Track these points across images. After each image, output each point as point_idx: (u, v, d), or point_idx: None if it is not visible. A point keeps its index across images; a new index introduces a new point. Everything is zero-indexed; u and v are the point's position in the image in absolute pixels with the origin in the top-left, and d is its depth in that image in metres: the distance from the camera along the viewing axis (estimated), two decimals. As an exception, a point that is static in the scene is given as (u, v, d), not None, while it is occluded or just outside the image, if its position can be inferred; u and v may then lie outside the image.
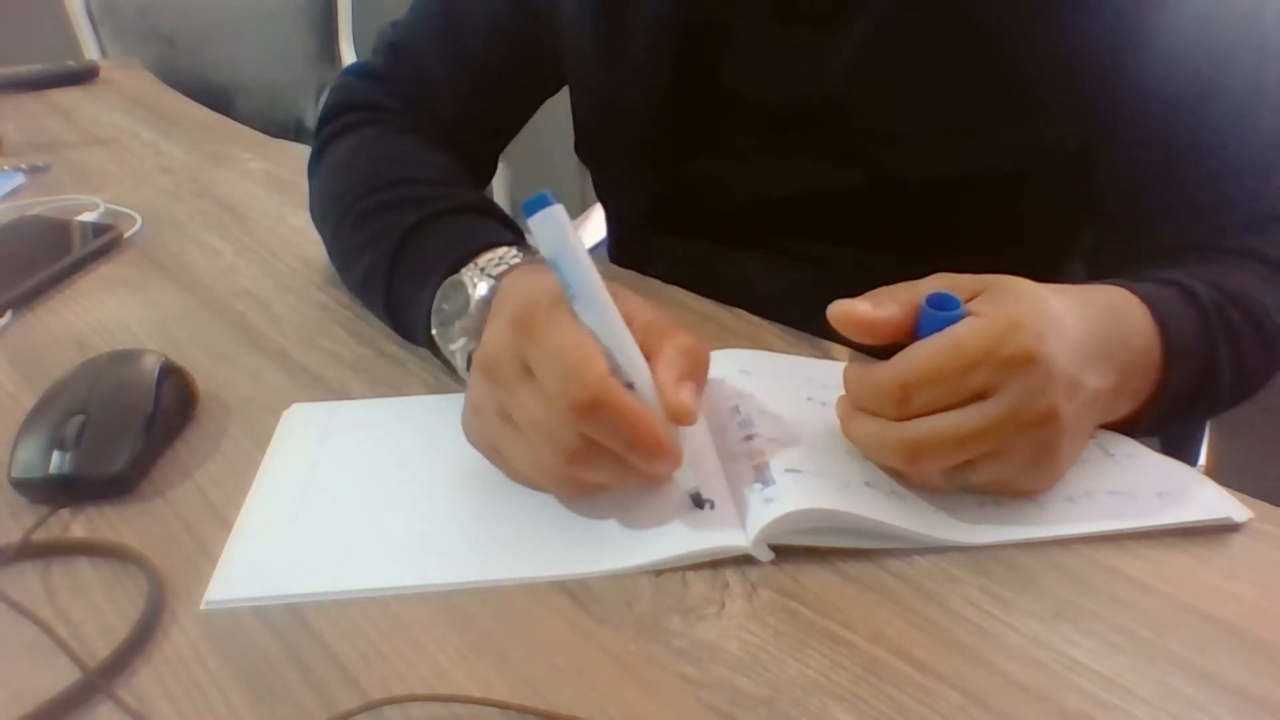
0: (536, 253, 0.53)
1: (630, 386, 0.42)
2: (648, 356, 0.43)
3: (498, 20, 0.71)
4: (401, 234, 0.58)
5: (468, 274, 0.52)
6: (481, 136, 0.76)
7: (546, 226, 0.41)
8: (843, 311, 0.43)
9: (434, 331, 0.53)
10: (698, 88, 0.65)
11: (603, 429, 0.40)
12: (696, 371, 0.43)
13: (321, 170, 0.70)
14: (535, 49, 0.72)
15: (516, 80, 0.74)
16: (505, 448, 0.44)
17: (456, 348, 0.51)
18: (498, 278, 0.51)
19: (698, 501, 0.43)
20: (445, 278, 0.53)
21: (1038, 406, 0.41)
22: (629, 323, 0.43)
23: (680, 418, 0.41)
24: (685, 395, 0.42)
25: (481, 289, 0.50)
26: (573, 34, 0.70)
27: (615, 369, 0.42)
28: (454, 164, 0.68)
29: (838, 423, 0.47)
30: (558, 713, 0.35)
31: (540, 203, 0.42)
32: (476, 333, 0.49)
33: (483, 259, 0.52)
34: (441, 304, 0.53)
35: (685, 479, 0.44)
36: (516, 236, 0.56)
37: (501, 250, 0.52)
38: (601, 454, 0.41)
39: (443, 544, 0.43)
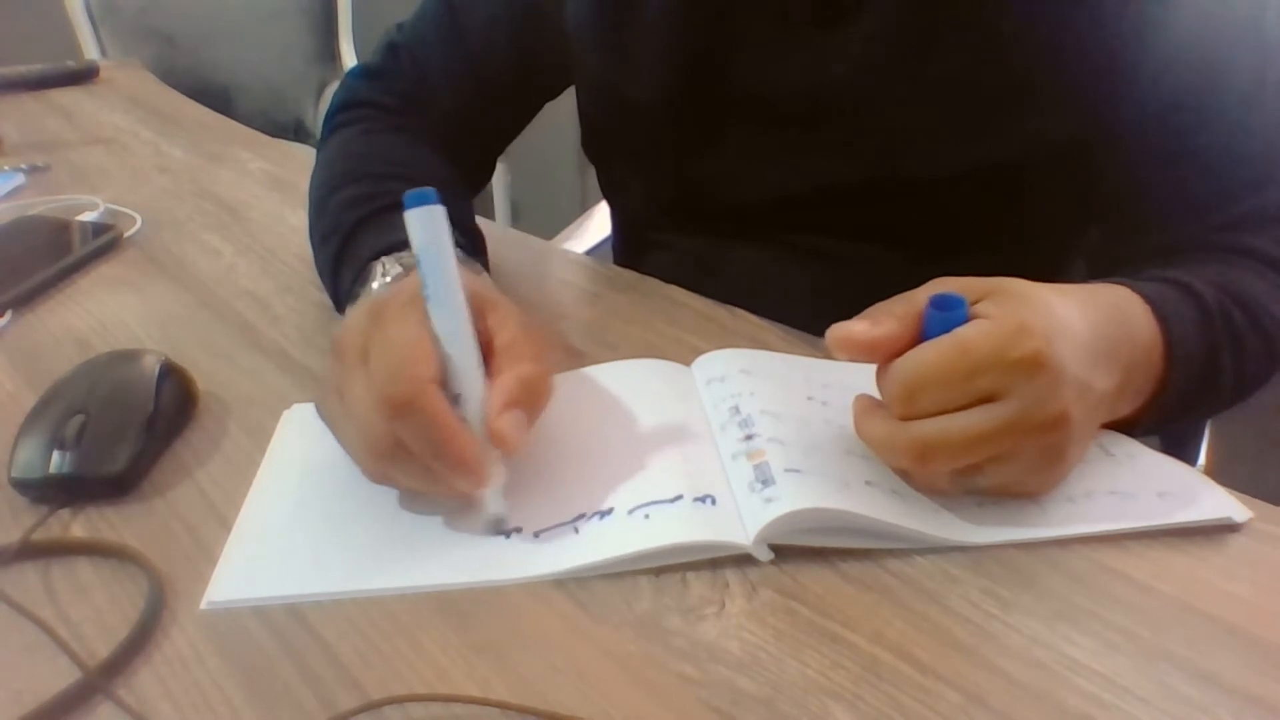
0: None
1: (459, 398, 0.42)
2: (493, 376, 0.43)
3: (502, 22, 0.71)
4: (347, 231, 0.59)
5: (382, 264, 0.54)
6: (480, 137, 0.76)
7: (420, 223, 0.42)
8: (842, 335, 0.43)
9: (346, 308, 0.55)
10: (704, 86, 0.65)
11: (410, 431, 0.40)
12: (530, 401, 0.43)
13: (313, 169, 0.71)
14: (539, 52, 0.72)
15: (518, 83, 0.74)
16: (335, 425, 0.45)
17: None
18: (408, 269, 0.52)
19: (499, 528, 0.43)
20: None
21: (1049, 410, 0.41)
22: (489, 338, 0.44)
23: (497, 441, 0.41)
24: (506, 421, 0.41)
25: (386, 279, 0.52)
26: (580, 32, 0.70)
27: (450, 377, 0.42)
28: (435, 160, 0.69)
29: (839, 422, 0.47)
30: (558, 713, 0.35)
31: (422, 199, 0.42)
32: None
33: (404, 252, 0.54)
34: (357, 288, 0.55)
35: (493, 504, 0.43)
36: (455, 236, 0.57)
37: None
38: (408, 456, 0.41)
39: (442, 544, 0.43)
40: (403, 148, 0.69)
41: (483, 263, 0.61)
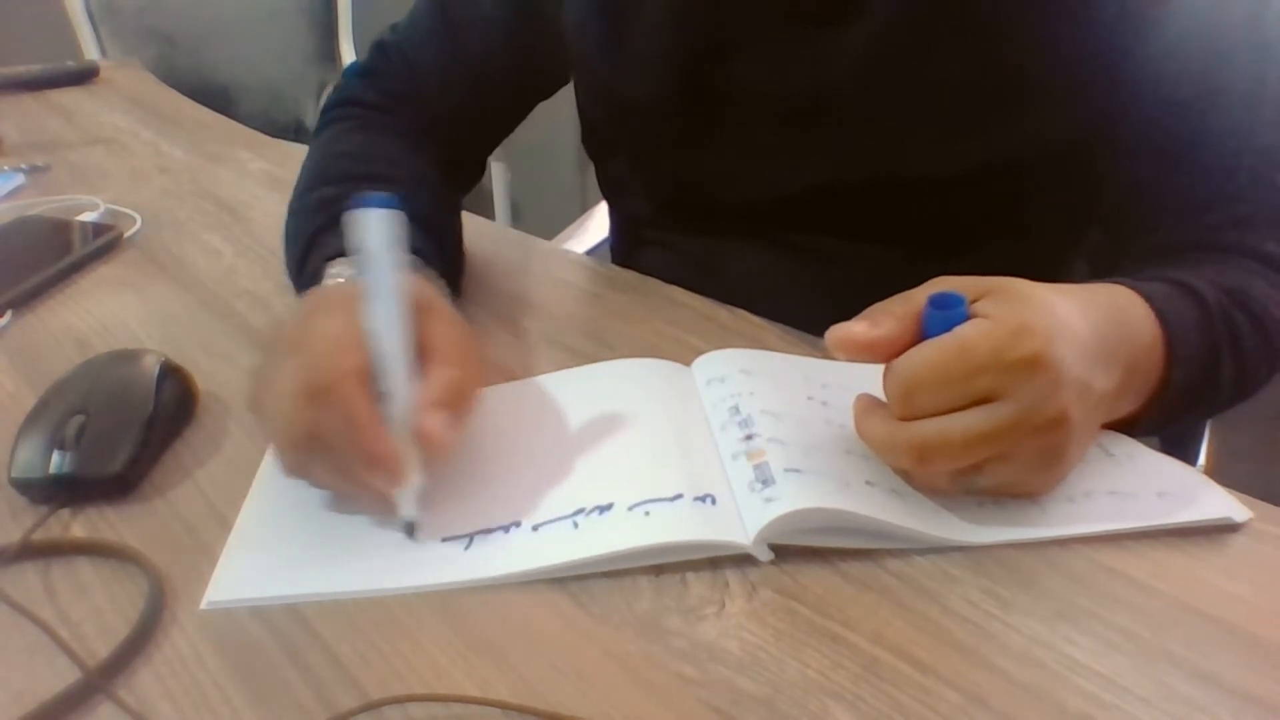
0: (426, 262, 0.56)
1: (385, 396, 0.42)
2: (423, 380, 0.43)
3: (495, 20, 0.71)
4: (311, 232, 0.59)
5: (336, 266, 0.54)
6: (471, 135, 0.76)
7: (369, 224, 0.43)
8: (841, 336, 0.43)
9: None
10: (703, 84, 0.65)
11: (327, 420, 0.40)
12: (458, 403, 0.43)
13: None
14: (533, 50, 0.72)
15: (510, 80, 0.74)
16: (260, 414, 0.45)
17: None
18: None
19: (409, 532, 0.43)
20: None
21: (1048, 410, 0.41)
22: (429, 342, 0.44)
23: (423, 439, 0.42)
24: (431, 421, 0.42)
25: (340, 279, 0.52)
26: (577, 31, 0.70)
27: (379, 375, 0.42)
28: (416, 157, 0.69)
29: (839, 422, 0.47)
30: (558, 713, 0.35)
31: (377, 202, 0.43)
32: None
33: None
34: (312, 287, 0.55)
35: (406, 506, 0.43)
36: (414, 238, 0.56)
37: None
38: (325, 449, 0.41)
39: (441, 546, 0.43)
40: (384, 145, 0.69)
41: (443, 267, 0.59)
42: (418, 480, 0.43)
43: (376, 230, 0.43)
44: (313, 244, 0.59)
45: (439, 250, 0.60)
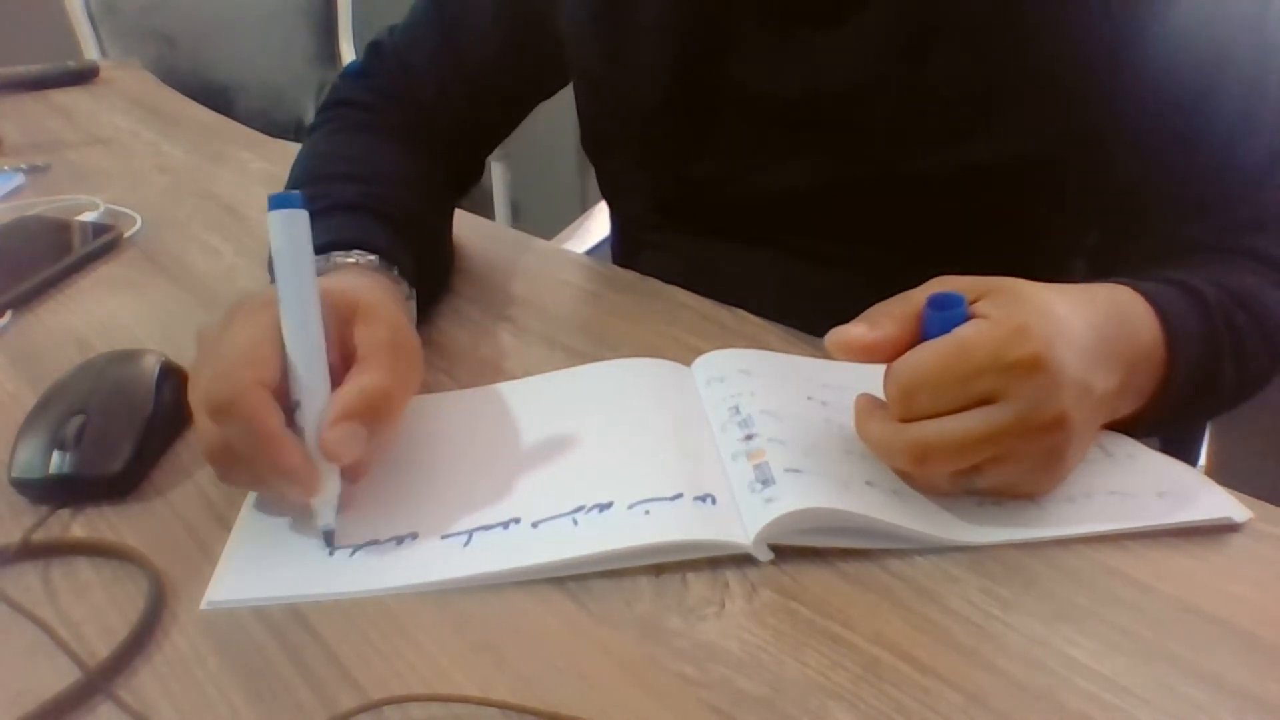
0: (393, 269, 0.55)
1: (299, 405, 0.42)
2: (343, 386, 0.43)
3: (492, 22, 0.71)
4: None
5: None
6: (469, 135, 0.76)
7: (277, 227, 0.42)
8: (841, 339, 0.43)
9: None
10: (703, 85, 0.65)
11: (234, 433, 0.40)
12: (371, 414, 0.42)
13: None
14: (530, 52, 0.72)
15: (508, 82, 0.74)
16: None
17: None
18: (322, 274, 0.52)
19: (328, 540, 0.43)
20: None
21: (1047, 412, 0.41)
22: (356, 347, 0.44)
23: (326, 453, 0.41)
24: (336, 433, 0.41)
25: None
26: (576, 31, 0.70)
27: (291, 384, 0.42)
28: (397, 155, 0.68)
29: (839, 422, 0.47)
30: (558, 713, 0.35)
31: (284, 202, 0.42)
32: None
33: (320, 256, 0.53)
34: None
35: (323, 514, 0.42)
36: (378, 238, 0.56)
37: (342, 252, 0.54)
38: (237, 461, 0.41)
39: (441, 543, 0.43)
40: (365, 145, 0.69)
41: (412, 267, 0.58)
42: (335, 488, 0.42)
43: (285, 231, 0.42)
44: None
45: (408, 250, 0.58)
